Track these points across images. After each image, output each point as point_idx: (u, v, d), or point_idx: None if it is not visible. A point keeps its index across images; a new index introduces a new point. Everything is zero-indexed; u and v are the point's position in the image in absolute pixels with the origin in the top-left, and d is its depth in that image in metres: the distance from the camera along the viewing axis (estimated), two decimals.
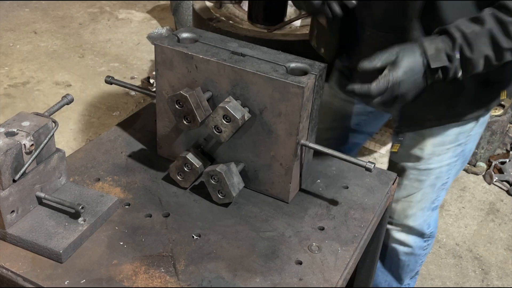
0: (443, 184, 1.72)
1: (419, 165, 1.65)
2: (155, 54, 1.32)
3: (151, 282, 1.10)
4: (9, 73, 3.94)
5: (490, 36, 1.24)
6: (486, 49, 1.25)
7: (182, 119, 1.27)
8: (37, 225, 1.17)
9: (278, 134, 1.26)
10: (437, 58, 1.26)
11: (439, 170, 1.67)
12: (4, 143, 1.10)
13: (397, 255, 1.88)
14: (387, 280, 1.99)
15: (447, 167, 1.67)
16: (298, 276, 1.14)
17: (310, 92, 1.22)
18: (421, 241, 1.84)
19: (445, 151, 1.62)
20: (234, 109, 1.21)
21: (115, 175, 1.40)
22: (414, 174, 1.67)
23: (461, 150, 1.65)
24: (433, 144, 1.61)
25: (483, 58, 1.26)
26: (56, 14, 4.89)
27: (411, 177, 1.68)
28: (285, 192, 1.33)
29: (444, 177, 1.70)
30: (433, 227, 1.85)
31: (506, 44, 1.25)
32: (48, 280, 1.08)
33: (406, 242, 1.82)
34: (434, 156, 1.63)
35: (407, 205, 1.74)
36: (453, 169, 1.70)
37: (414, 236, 1.82)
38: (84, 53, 4.28)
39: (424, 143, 1.61)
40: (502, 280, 2.55)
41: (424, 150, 1.62)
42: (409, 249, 1.85)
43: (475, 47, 1.25)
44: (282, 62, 1.26)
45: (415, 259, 1.89)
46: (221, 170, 1.26)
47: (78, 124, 3.42)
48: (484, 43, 1.25)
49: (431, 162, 1.64)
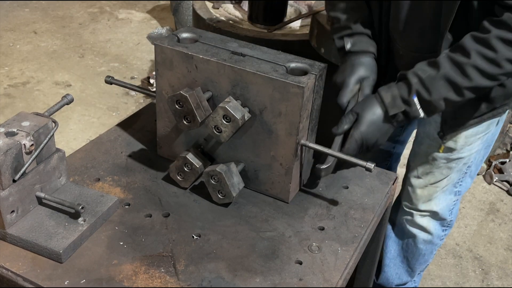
0: (468, 168, 1.77)
1: (452, 155, 1.70)
2: (155, 54, 1.32)
3: (151, 282, 1.10)
4: (9, 73, 3.94)
5: (447, 79, 1.32)
6: (444, 91, 1.33)
7: (182, 119, 1.27)
8: (37, 225, 1.17)
9: (278, 134, 1.26)
10: (394, 104, 1.36)
11: (468, 158, 1.72)
12: (4, 143, 1.10)
13: (415, 243, 1.93)
14: (398, 272, 2.04)
15: (475, 154, 1.73)
16: (298, 276, 1.14)
17: (310, 92, 1.22)
18: (440, 229, 1.89)
19: (476, 140, 1.68)
20: (234, 109, 1.21)
21: (115, 175, 1.40)
22: (445, 163, 1.72)
23: (488, 137, 1.72)
24: (467, 136, 1.65)
25: (443, 100, 1.34)
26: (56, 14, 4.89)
27: (441, 166, 1.73)
28: (285, 192, 1.33)
29: (471, 162, 1.75)
30: (454, 215, 1.90)
31: (464, 83, 1.32)
32: (48, 280, 1.08)
33: (427, 228, 1.87)
34: (466, 146, 1.68)
35: (433, 190, 1.79)
36: (478, 156, 1.76)
37: (436, 221, 1.86)
38: (84, 53, 4.28)
39: (458, 136, 1.66)
40: (502, 280, 2.55)
41: (458, 142, 1.67)
42: (428, 236, 1.89)
43: (432, 90, 1.33)
44: (282, 62, 1.26)
45: (431, 248, 1.95)
46: (221, 170, 1.26)
47: (78, 124, 3.42)
48: (442, 86, 1.33)
49: (463, 151, 1.69)
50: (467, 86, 1.32)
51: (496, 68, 1.29)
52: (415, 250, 1.95)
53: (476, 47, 1.30)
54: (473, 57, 1.29)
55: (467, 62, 1.30)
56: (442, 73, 1.32)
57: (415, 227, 1.88)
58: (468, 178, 1.81)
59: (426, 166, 1.75)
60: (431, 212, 1.83)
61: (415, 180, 1.79)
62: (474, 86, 1.32)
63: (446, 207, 1.83)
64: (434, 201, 1.81)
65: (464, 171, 1.77)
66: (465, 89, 1.32)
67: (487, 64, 1.29)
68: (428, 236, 1.89)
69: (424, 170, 1.76)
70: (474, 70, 1.30)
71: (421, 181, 1.78)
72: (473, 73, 1.30)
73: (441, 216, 1.84)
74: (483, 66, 1.29)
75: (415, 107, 1.35)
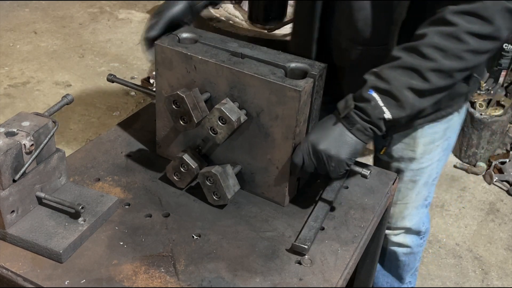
0: (433, 179, 1.74)
1: (412, 166, 1.66)
2: (155, 54, 1.32)
3: (151, 282, 1.10)
4: (9, 73, 3.94)
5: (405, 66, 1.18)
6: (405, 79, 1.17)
7: (179, 120, 1.27)
8: (37, 225, 1.17)
9: (275, 137, 1.26)
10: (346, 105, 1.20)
11: (431, 168, 1.68)
12: (4, 143, 1.10)
13: (396, 257, 1.89)
14: (388, 281, 2.01)
15: (437, 163, 1.68)
16: (298, 276, 1.14)
17: (307, 96, 1.22)
18: (418, 239, 1.86)
19: (435, 148, 1.63)
20: (229, 111, 1.21)
21: (115, 175, 1.40)
22: (408, 176, 1.68)
23: (448, 143, 1.67)
24: (424, 143, 1.61)
25: (407, 89, 1.17)
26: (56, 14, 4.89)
27: (405, 179, 1.69)
28: (281, 196, 1.33)
29: (434, 173, 1.71)
30: (427, 223, 1.88)
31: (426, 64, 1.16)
32: (48, 280, 1.08)
33: (404, 243, 1.84)
34: (426, 155, 1.64)
35: (404, 207, 1.75)
36: (441, 163, 1.72)
37: (412, 235, 1.83)
38: (84, 53, 4.28)
39: (415, 144, 1.61)
40: (502, 280, 2.55)
41: (416, 151, 1.62)
42: (407, 249, 1.86)
43: (391, 79, 1.17)
44: (282, 62, 1.26)
45: (414, 257, 1.91)
46: (216, 172, 1.25)
47: (78, 124, 3.42)
48: (402, 74, 1.17)
49: (423, 161, 1.65)
50: (431, 68, 1.16)
51: (458, 43, 1.15)
52: (398, 263, 1.92)
53: (431, 27, 1.17)
54: (430, 36, 1.16)
55: (423, 42, 1.16)
56: (400, 62, 1.18)
57: (392, 245, 1.85)
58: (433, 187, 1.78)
59: None
60: (404, 228, 1.80)
61: None
62: (439, 68, 1.16)
63: (419, 221, 1.81)
64: (407, 218, 1.77)
65: (431, 182, 1.73)
66: (428, 72, 1.17)
67: (446, 40, 1.15)
68: (407, 249, 1.86)
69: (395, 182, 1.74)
70: (433, 49, 1.16)
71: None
72: (433, 53, 1.16)
73: (415, 230, 1.81)
74: (443, 43, 1.15)
75: (374, 102, 1.17)
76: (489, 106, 3.25)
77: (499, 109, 3.21)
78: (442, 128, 1.60)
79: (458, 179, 3.22)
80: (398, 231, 1.81)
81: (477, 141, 3.25)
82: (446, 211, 2.97)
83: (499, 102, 3.23)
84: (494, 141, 3.26)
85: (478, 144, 3.26)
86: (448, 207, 3.00)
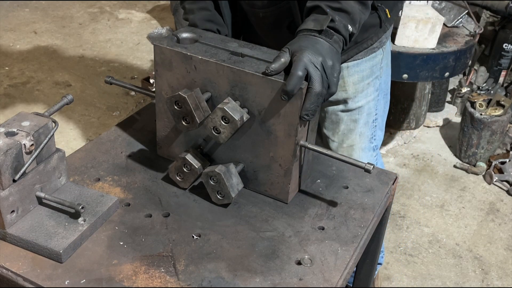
0: (374, 120, 1.87)
1: (349, 105, 1.79)
2: (154, 55, 1.32)
3: (151, 282, 1.10)
4: (9, 73, 3.94)
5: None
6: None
7: (181, 120, 1.27)
8: (37, 225, 1.17)
9: (277, 135, 1.26)
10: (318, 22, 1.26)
11: (368, 106, 1.82)
12: (4, 143, 1.10)
13: None
14: None
15: (373, 102, 1.83)
16: (298, 276, 1.14)
17: None
18: None
19: (367, 86, 1.78)
20: (232, 110, 1.21)
21: (115, 175, 1.40)
22: (348, 115, 1.81)
23: (379, 83, 1.82)
24: (354, 82, 1.75)
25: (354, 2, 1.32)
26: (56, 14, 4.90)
27: (345, 120, 1.81)
28: (284, 193, 1.33)
29: (373, 113, 1.85)
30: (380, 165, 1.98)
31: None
32: (48, 280, 1.08)
33: None
34: (359, 93, 1.78)
35: (351, 149, 1.87)
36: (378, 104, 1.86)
37: None
38: (84, 53, 4.28)
39: (345, 84, 1.75)
40: (502, 280, 2.55)
41: (348, 91, 1.77)
42: None
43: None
44: None
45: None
46: (220, 171, 1.26)
47: (78, 124, 3.42)
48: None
49: (358, 100, 1.79)
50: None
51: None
52: None
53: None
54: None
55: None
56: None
57: None
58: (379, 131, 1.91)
59: (333, 127, 1.84)
60: None
61: (332, 144, 1.88)
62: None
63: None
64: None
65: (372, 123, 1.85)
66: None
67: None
68: None
69: (334, 131, 1.85)
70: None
71: (336, 143, 1.86)
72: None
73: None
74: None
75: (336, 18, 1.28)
76: (489, 106, 3.25)
77: (499, 109, 3.21)
78: (368, 66, 1.75)
79: (458, 179, 3.23)
80: None
81: (477, 141, 3.25)
82: (446, 211, 2.97)
83: (499, 102, 3.24)
84: (494, 141, 3.26)
85: (478, 144, 3.26)
86: (448, 207, 3.00)
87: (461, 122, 3.36)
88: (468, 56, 2.93)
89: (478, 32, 2.95)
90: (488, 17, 4.02)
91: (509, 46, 3.78)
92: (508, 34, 3.76)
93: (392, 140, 3.53)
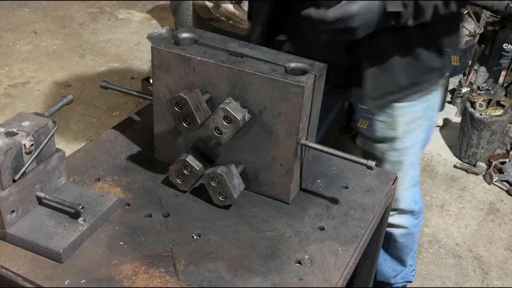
0: (418, 159, 1.82)
1: (396, 145, 1.72)
2: (152, 57, 1.31)
3: (151, 282, 1.10)
4: (9, 73, 3.94)
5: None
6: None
7: (182, 122, 1.26)
8: (37, 225, 1.17)
9: (278, 134, 1.26)
10: (394, 3, 1.31)
11: (414, 148, 1.75)
12: (4, 143, 1.10)
13: (395, 239, 1.97)
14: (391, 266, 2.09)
15: (420, 143, 1.76)
16: (298, 276, 1.14)
17: (310, 91, 1.22)
18: (413, 219, 1.93)
19: (417, 127, 1.71)
20: (234, 110, 1.21)
21: (115, 175, 1.40)
22: (394, 156, 1.74)
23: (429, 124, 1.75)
24: (405, 122, 1.68)
25: (432, 7, 1.33)
26: (56, 14, 4.90)
27: (391, 160, 1.75)
28: (286, 193, 1.33)
29: (418, 152, 1.79)
30: (420, 201, 1.94)
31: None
32: (48, 280, 1.08)
33: (400, 224, 1.91)
34: (408, 134, 1.70)
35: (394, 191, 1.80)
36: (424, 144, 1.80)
37: (406, 215, 1.90)
38: (84, 53, 4.28)
39: (396, 123, 1.68)
40: (502, 280, 2.55)
41: (397, 130, 1.69)
42: (404, 230, 1.94)
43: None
44: (281, 62, 1.26)
45: (411, 238, 1.99)
46: (222, 172, 1.25)
47: (78, 124, 3.42)
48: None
49: (406, 141, 1.72)
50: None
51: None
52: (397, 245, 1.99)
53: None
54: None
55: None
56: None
57: (389, 226, 1.91)
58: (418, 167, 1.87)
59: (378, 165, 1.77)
60: (398, 210, 1.86)
61: None
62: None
63: (411, 201, 1.87)
64: (399, 200, 1.84)
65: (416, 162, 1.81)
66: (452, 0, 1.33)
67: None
68: (404, 230, 1.93)
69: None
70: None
71: None
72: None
73: (408, 211, 1.88)
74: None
75: (410, 10, 1.32)
76: (489, 106, 3.25)
77: (499, 109, 3.21)
78: (421, 108, 1.66)
79: (458, 179, 3.22)
80: (392, 212, 1.87)
81: (477, 141, 3.25)
82: (446, 211, 2.97)
83: (499, 102, 3.23)
84: (494, 141, 3.26)
85: (478, 144, 3.26)
86: (448, 207, 3.00)
87: (461, 122, 3.35)
88: (468, 56, 2.93)
89: (478, 32, 2.95)
90: (488, 17, 4.02)
91: (509, 46, 3.78)
92: (508, 34, 3.76)
93: None
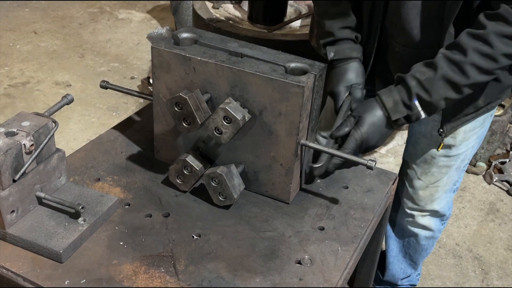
0: (465, 165, 1.80)
1: (450, 152, 1.71)
2: (152, 57, 1.31)
3: (151, 282, 1.10)
4: (9, 73, 3.94)
5: (445, 79, 1.32)
6: (444, 91, 1.33)
7: (182, 122, 1.26)
8: (37, 225, 1.17)
9: (278, 134, 1.26)
10: (396, 110, 1.37)
11: (465, 154, 1.74)
12: (4, 143, 1.10)
13: (418, 241, 1.96)
14: (402, 267, 2.08)
15: (471, 150, 1.75)
16: (298, 276, 1.14)
17: (310, 91, 1.22)
18: (440, 223, 1.93)
19: (473, 135, 1.70)
20: (234, 110, 1.21)
21: (115, 175, 1.40)
22: (444, 161, 1.73)
23: (483, 131, 1.74)
24: (465, 131, 1.67)
25: (443, 100, 1.35)
26: (56, 14, 4.89)
27: (440, 164, 1.74)
28: (286, 193, 1.33)
29: (467, 158, 1.77)
30: (451, 208, 1.95)
31: (463, 81, 1.32)
32: (48, 280, 1.08)
33: (428, 226, 1.90)
34: (464, 142, 1.69)
35: (435, 190, 1.80)
36: (474, 149, 1.77)
37: (436, 219, 1.89)
38: (84, 53, 4.28)
39: (457, 132, 1.67)
40: (502, 280, 2.55)
41: (456, 138, 1.68)
42: (430, 233, 1.93)
43: (432, 92, 1.33)
44: (282, 62, 1.26)
45: (432, 242, 1.99)
46: (222, 172, 1.25)
47: (78, 124, 3.42)
48: (441, 87, 1.33)
49: (461, 147, 1.71)
50: (466, 84, 1.32)
51: (493, 63, 1.30)
52: (418, 247, 1.98)
53: (472, 44, 1.29)
54: (470, 54, 1.29)
55: (464, 60, 1.30)
56: (441, 74, 1.32)
57: (417, 227, 1.91)
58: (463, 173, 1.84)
59: (425, 166, 1.76)
60: (432, 211, 1.85)
61: (416, 182, 1.80)
62: (472, 82, 1.32)
63: (446, 205, 1.86)
64: (436, 201, 1.82)
65: (462, 168, 1.79)
66: (463, 87, 1.33)
67: (484, 60, 1.29)
68: (430, 233, 1.92)
69: (424, 171, 1.77)
70: (472, 67, 1.30)
71: (422, 182, 1.79)
72: (471, 71, 1.30)
73: (441, 213, 1.87)
74: (481, 63, 1.29)
75: (416, 109, 1.36)
76: None
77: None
78: (483, 117, 1.66)
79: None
80: (426, 213, 1.86)
81: None
82: None
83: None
84: (494, 141, 3.26)
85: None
86: None
87: None
88: None
89: None
90: None
91: None
92: None
93: (392, 140, 3.53)
